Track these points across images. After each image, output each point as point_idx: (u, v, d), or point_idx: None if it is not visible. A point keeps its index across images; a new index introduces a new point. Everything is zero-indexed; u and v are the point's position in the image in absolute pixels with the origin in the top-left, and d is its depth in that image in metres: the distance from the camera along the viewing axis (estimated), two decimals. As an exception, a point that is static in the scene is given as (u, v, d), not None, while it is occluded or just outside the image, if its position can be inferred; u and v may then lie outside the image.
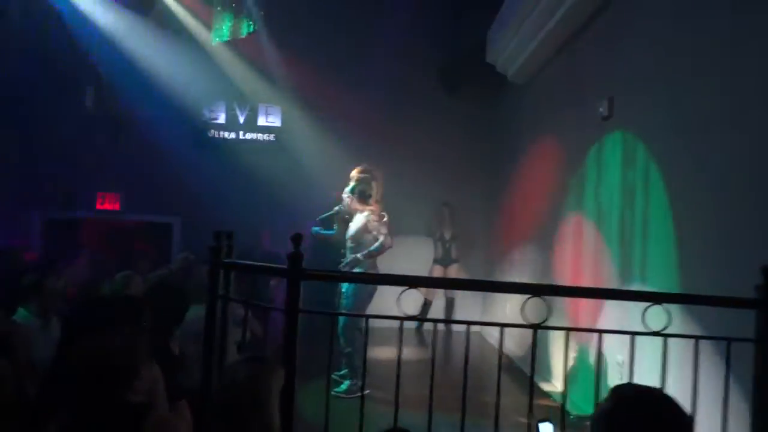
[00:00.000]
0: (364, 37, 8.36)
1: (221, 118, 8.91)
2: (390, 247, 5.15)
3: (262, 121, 8.96)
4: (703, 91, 3.36)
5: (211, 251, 2.68)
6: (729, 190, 3.04)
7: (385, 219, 5.25)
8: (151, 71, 8.22)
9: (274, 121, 8.96)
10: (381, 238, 5.12)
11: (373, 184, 5.30)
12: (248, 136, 8.97)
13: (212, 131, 8.90)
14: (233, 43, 7.82)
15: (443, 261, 8.00)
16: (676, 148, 3.62)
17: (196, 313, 3.34)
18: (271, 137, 8.98)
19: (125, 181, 8.57)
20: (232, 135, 8.93)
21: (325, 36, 8.34)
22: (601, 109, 4.70)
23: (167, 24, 8.15)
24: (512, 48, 6.69)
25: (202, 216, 7.81)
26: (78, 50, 7.86)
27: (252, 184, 8.30)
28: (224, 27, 7.23)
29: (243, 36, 7.39)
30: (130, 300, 3.29)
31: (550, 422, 1.86)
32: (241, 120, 8.94)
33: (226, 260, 2.67)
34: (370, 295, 4.98)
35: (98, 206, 8.68)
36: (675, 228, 3.53)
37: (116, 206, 8.77)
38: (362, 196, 5.41)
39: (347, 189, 5.63)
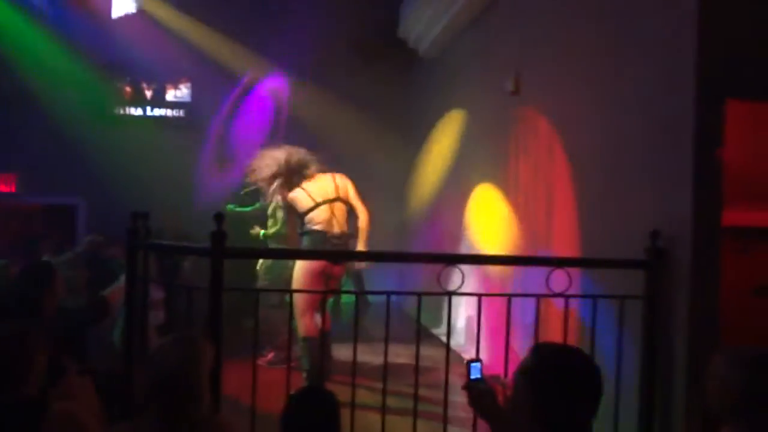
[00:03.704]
0: (275, 8, 8.23)
1: (127, 94, 8.52)
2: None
3: (170, 96, 8.66)
4: (601, 66, 3.59)
5: (129, 233, 2.65)
6: (624, 160, 3.30)
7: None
8: (47, 44, 7.72)
9: (183, 96, 8.68)
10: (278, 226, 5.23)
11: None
12: (156, 112, 8.65)
13: (117, 107, 8.50)
14: (138, 15, 7.48)
15: None
16: (577, 121, 3.87)
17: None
18: (181, 113, 8.70)
19: (21, 162, 8.06)
20: (139, 111, 8.58)
21: (235, 6, 8.13)
22: (508, 84, 4.92)
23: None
24: (424, 23, 6.82)
25: (109, 197, 7.50)
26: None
27: (161, 163, 8.04)
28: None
29: (146, 6, 7.08)
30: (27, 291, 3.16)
31: (480, 361, 2.00)
32: (148, 95, 8.59)
33: (145, 241, 2.65)
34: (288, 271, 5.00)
35: (-9, 189, 8.12)
36: (576, 196, 3.79)
37: (12, 188, 8.24)
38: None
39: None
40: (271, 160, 4.79)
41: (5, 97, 7.80)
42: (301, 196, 4.64)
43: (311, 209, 4.58)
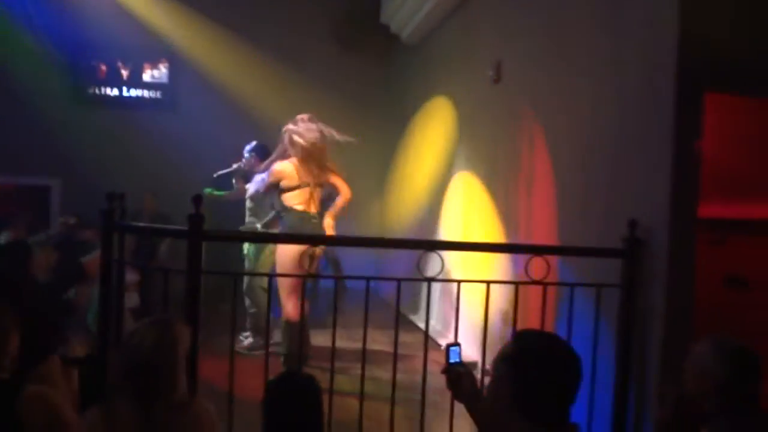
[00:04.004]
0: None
1: (102, 74, 8.36)
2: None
3: (147, 77, 8.52)
4: (581, 55, 3.60)
5: (103, 214, 2.60)
6: (604, 151, 3.32)
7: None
8: (17, 22, 7.52)
9: (161, 77, 8.55)
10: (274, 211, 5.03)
11: (293, 139, 4.48)
12: (132, 92, 8.50)
13: (93, 88, 8.33)
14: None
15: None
16: (557, 110, 3.88)
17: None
18: (158, 94, 8.57)
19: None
20: (115, 91, 8.43)
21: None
22: (490, 73, 4.91)
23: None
24: (407, 9, 6.77)
25: (85, 178, 7.37)
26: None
27: (138, 144, 7.91)
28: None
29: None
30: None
31: (459, 345, 2.00)
32: (125, 75, 8.44)
33: (121, 222, 2.60)
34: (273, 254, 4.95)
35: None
36: (556, 185, 3.81)
37: (-18, 169, 8.05)
38: (262, 154, 5.22)
39: (248, 147, 5.51)
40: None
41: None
42: (289, 170, 4.48)
43: (294, 187, 4.50)
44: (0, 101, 7.68)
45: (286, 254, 4.29)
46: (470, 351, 4.15)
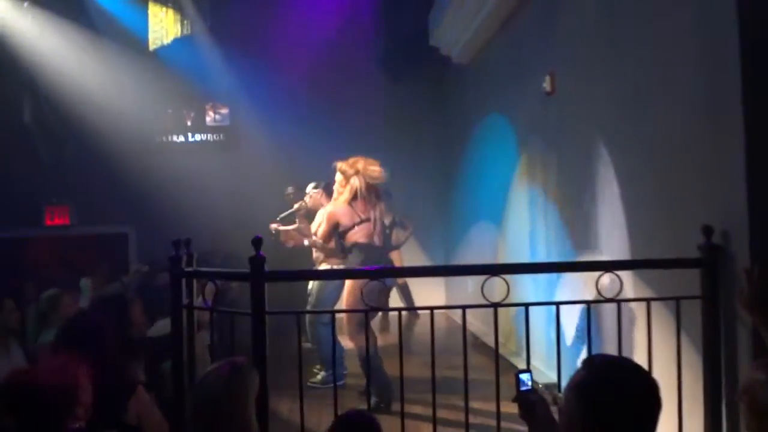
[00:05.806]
0: (304, 29, 8.32)
1: (168, 121, 8.76)
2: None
3: (210, 120, 8.85)
4: (640, 58, 3.46)
5: (171, 261, 2.67)
6: (668, 154, 3.16)
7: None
8: (89, 78, 7.99)
9: (222, 120, 8.87)
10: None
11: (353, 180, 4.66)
12: (197, 137, 8.85)
13: (160, 135, 8.74)
14: (173, 45, 7.65)
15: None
16: (617, 117, 3.74)
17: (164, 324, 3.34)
18: (221, 136, 8.89)
19: (74, 194, 8.36)
20: (181, 138, 8.80)
21: (265, 30, 8.26)
22: (543, 85, 4.81)
23: (101, 29, 7.91)
24: (455, 29, 6.76)
25: (158, 223, 7.68)
26: (10, 62, 7.58)
27: (206, 186, 8.21)
28: (161, 29, 7.07)
29: (180, 37, 7.24)
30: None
31: (530, 372, 1.94)
32: (189, 122, 8.80)
33: (187, 269, 2.67)
34: (337, 289, 4.98)
35: (48, 222, 8.44)
36: (623, 197, 3.65)
37: (66, 220, 8.54)
38: (329, 191, 5.36)
39: (311, 186, 5.66)
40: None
41: (58, 136, 8.13)
42: (345, 210, 4.61)
43: (355, 224, 4.58)
44: (75, 156, 8.16)
45: (356, 289, 4.34)
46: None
